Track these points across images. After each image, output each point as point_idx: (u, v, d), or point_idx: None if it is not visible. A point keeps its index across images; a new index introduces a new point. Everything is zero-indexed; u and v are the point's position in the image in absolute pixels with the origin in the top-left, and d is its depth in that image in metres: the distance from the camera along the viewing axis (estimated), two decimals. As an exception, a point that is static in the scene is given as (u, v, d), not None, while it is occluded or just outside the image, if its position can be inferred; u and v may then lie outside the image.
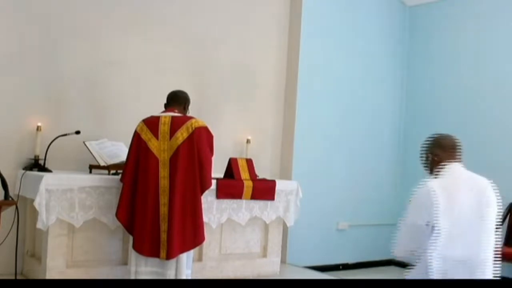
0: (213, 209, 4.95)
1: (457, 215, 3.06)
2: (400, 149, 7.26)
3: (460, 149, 3.38)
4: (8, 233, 4.25)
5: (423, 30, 7.17)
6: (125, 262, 4.63)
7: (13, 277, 4.40)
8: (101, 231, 4.57)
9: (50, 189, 4.26)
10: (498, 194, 3.26)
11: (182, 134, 4.26)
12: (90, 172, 4.81)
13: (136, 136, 4.35)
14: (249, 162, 5.43)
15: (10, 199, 3.48)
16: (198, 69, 5.80)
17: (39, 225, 4.22)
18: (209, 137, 4.38)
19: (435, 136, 3.42)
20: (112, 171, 4.73)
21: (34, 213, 4.40)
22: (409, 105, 7.27)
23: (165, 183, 4.22)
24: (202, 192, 4.33)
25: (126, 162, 4.37)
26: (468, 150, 6.46)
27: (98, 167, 4.74)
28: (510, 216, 6.08)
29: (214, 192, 4.95)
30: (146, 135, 4.30)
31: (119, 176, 4.51)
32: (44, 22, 4.93)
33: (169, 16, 5.61)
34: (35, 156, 4.72)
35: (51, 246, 4.34)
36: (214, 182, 4.82)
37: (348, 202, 6.72)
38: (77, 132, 4.80)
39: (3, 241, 4.36)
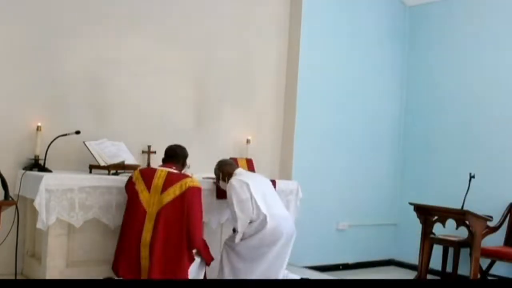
0: (213, 209, 4.95)
1: (260, 190, 4.64)
2: (400, 149, 7.26)
3: (235, 164, 4.99)
4: (8, 233, 4.25)
5: (423, 30, 7.17)
6: (125, 262, 4.62)
7: (13, 277, 4.40)
8: (101, 231, 4.57)
9: (50, 189, 4.26)
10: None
11: (174, 191, 4.30)
12: (90, 172, 4.81)
13: (130, 184, 4.41)
14: (249, 162, 5.43)
15: (10, 199, 3.48)
16: (198, 69, 5.80)
17: (39, 225, 4.22)
18: (200, 197, 4.41)
19: (219, 161, 4.91)
20: (112, 171, 4.73)
21: (34, 213, 4.40)
22: (409, 105, 7.27)
23: (148, 237, 4.23)
24: (190, 250, 4.29)
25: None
26: (468, 150, 6.51)
27: (98, 167, 4.74)
28: (510, 216, 6.09)
29: (214, 192, 4.96)
30: (140, 186, 4.35)
31: (121, 176, 4.55)
32: (44, 22, 4.93)
33: (169, 15, 5.60)
34: (35, 156, 4.72)
35: (51, 246, 4.33)
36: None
37: (348, 202, 6.72)
38: (77, 132, 4.80)
39: (3, 241, 4.36)
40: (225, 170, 4.80)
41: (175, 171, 4.45)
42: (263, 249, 4.55)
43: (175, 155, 4.62)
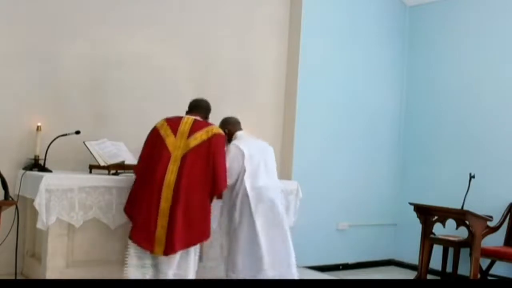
0: (213, 208, 4.94)
1: (255, 160, 4.63)
2: (400, 149, 7.27)
3: (240, 124, 4.94)
4: (8, 233, 4.26)
5: (423, 30, 7.17)
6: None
7: (13, 277, 4.40)
8: (101, 231, 4.56)
9: (50, 189, 4.25)
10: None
11: (201, 136, 4.37)
12: (90, 172, 4.81)
13: (154, 132, 4.43)
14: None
15: (10, 199, 3.49)
16: (198, 68, 5.81)
17: (39, 225, 4.22)
18: (224, 145, 4.54)
19: (224, 118, 4.93)
20: (112, 171, 4.73)
21: (34, 213, 4.40)
22: (409, 105, 7.27)
23: (172, 177, 4.23)
24: (214, 193, 4.40)
25: (139, 158, 4.43)
26: (468, 150, 6.52)
27: (98, 167, 4.74)
28: (510, 216, 6.09)
29: (214, 192, 4.96)
30: (165, 132, 4.39)
31: (121, 176, 4.53)
32: (44, 22, 4.93)
33: (170, 15, 5.61)
34: (35, 156, 4.72)
35: (51, 246, 4.33)
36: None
37: (348, 202, 6.72)
38: (77, 132, 4.80)
39: (3, 241, 4.37)
40: (227, 129, 4.83)
41: (200, 119, 4.55)
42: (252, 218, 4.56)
43: (199, 106, 4.71)
